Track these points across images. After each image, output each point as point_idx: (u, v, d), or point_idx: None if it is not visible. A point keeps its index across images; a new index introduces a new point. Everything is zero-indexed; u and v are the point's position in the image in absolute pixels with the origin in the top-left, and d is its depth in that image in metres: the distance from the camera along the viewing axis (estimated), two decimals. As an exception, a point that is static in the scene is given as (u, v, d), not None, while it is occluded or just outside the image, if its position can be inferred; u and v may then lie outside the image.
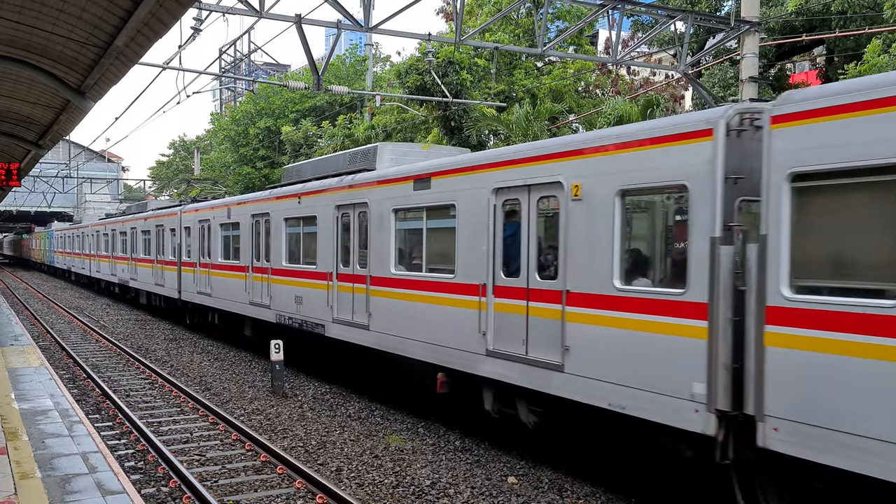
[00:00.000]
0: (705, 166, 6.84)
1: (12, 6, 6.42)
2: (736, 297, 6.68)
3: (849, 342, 5.80)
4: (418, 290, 11.19)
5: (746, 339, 6.55)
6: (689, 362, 6.94)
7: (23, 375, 10.44)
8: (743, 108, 7.00)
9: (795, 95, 6.52)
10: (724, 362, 6.68)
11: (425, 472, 9.37)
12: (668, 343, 7.21)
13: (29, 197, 61.88)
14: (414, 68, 24.58)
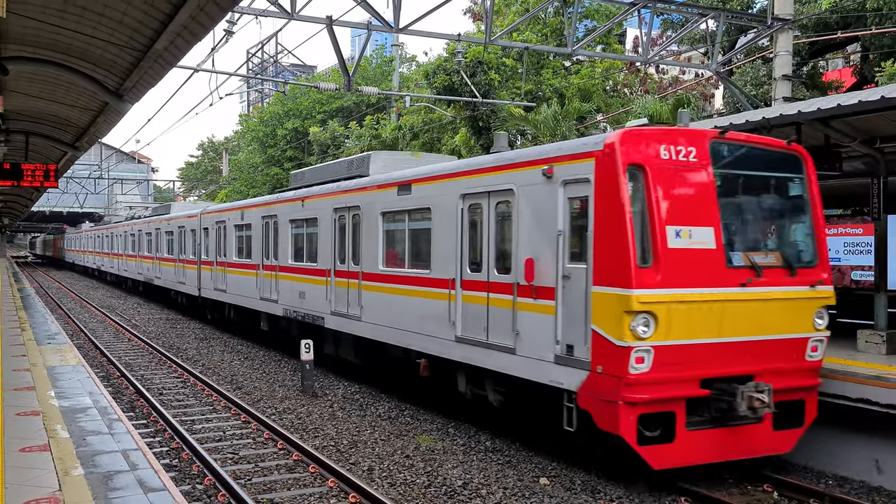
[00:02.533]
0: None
1: (55, 11, 6.54)
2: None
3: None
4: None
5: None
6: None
7: (61, 374, 10.61)
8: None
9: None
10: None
11: (457, 472, 9.37)
12: None
13: (62, 198, 62.94)
14: (442, 69, 24.63)
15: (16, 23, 6.82)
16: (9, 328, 15.65)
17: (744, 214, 9.49)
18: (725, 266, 8.55)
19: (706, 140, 8.78)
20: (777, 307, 8.78)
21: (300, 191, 17.02)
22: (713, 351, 8.42)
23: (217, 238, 22.38)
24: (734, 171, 9.26)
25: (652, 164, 8.35)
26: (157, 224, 30.56)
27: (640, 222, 8.27)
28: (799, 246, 9.55)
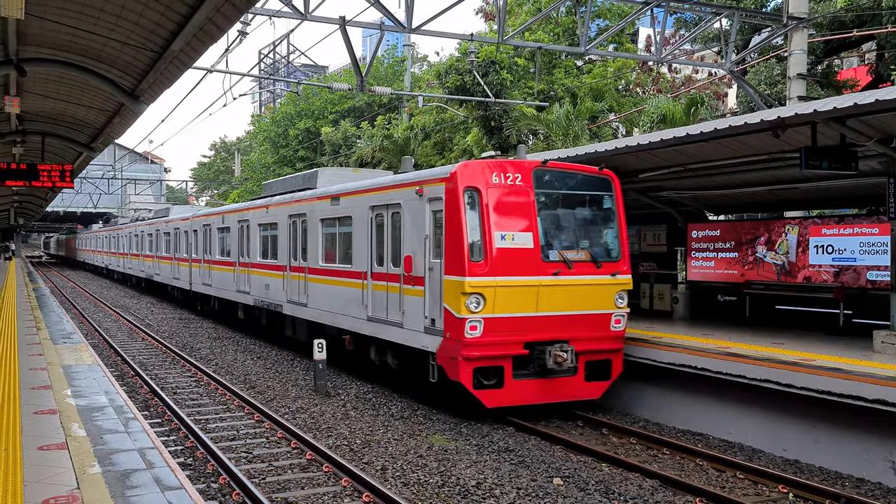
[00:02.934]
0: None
1: (72, 13, 6.59)
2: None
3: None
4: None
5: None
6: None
7: (77, 373, 10.67)
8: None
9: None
10: None
11: (470, 472, 9.38)
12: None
13: (76, 198, 63.44)
14: (454, 68, 24.62)
15: (34, 24, 6.88)
16: (25, 327, 15.76)
17: (560, 223, 12.28)
18: (542, 260, 11.45)
19: (530, 168, 11.74)
20: (585, 290, 11.75)
21: (267, 199, 20.12)
22: (533, 322, 11.39)
23: (205, 239, 25.52)
24: (553, 190, 12.16)
25: (485, 187, 11.28)
26: (157, 226, 33.57)
27: (475, 229, 11.19)
28: (605, 246, 12.45)
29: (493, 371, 11.39)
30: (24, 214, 45.57)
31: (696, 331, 13.91)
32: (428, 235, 11.95)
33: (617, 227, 12.39)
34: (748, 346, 11.78)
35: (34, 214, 48.48)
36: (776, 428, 10.55)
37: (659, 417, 12.33)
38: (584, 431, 11.68)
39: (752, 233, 15.08)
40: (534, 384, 11.57)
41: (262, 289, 19.72)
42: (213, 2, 5.51)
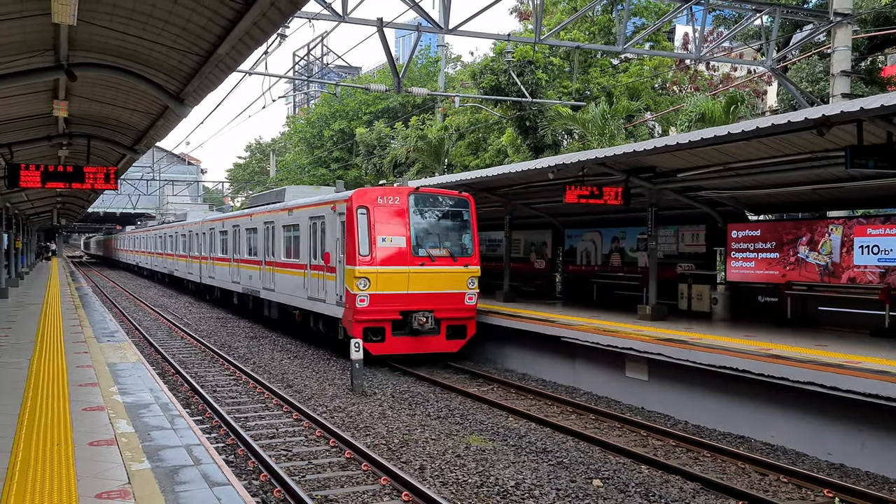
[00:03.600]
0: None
1: (122, 18, 6.73)
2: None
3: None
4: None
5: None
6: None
7: (122, 370, 10.88)
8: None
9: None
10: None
11: (509, 472, 9.38)
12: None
13: (115, 199, 64.69)
14: (489, 68, 24.57)
15: (84, 30, 7.03)
16: (70, 326, 16.12)
17: (427, 230, 16.88)
18: (412, 255, 16.25)
19: (406, 192, 16.64)
20: (444, 276, 16.46)
21: (252, 209, 25.84)
22: (405, 297, 16.12)
23: (209, 240, 30.88)
24: (423, 208, 16.83)
25: (372, 206, 16.19)
26: (175, 228, 39.09)
27: (364, 234, 15.97)
28: (461, 246, 17.09)
29: (377, 330, 16.18)
30: (67, 215, 46.53)
31: (736, 332, 13.74)
32: (338, 238, 16.92)
33: (471, 233, 17.19)
34: (790, 348, 11.60)
35: (76, 215, 49.48)
36: (820, 431, 10.37)
37: (698, 419, 12.21)
38: (622, 432, 11.60)
39: (793, 233, 14.84)
40: (407, 340, 16.35)
41: (248, 279, 24.92)
42: (260, 6, 5.58)
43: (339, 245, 16.79)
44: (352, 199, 16.36)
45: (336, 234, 16.97)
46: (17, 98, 10.13)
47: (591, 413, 12.75)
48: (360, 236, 16.04)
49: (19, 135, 12.68)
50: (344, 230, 16.52)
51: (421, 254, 16.45)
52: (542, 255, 23.15)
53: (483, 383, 15.49)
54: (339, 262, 16.71)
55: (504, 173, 16.49)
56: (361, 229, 16.08)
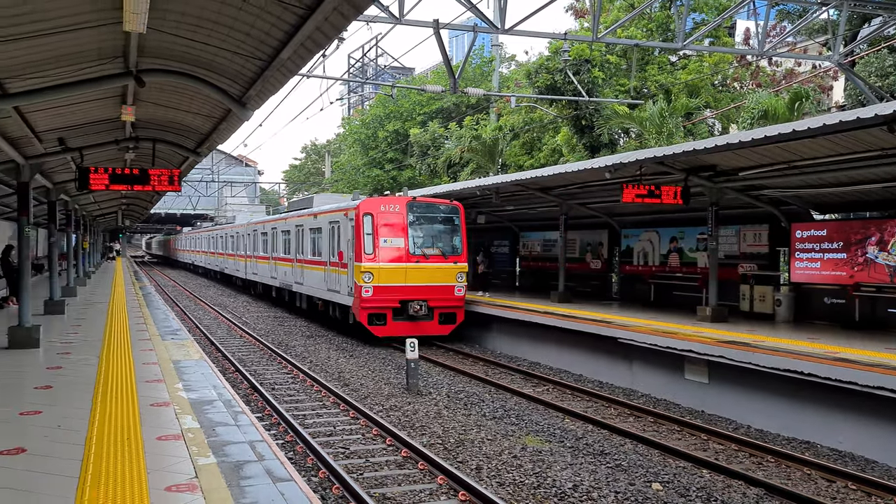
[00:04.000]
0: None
1: (189, 25, 6.91)
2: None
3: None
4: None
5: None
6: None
7: (185, 367, 11.16)
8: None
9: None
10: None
11: (566, 474, 9.32)
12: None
13: (176, 200, 66.49)
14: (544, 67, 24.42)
15: (152, 37, 7.24)
16: (135, 324, 16.61)
17: (423, 233, 19.87)
18: (409, 254, 19.23)
19: (405, 201, 19.68)
20: (436, 271, 19.34)
21: (286, 214, 29.87)
22: (403, 289, 19.06)
23: (252, 241, 34.50)
24: (419, 214, 19.77)
25: (376, 212, 19.26)
26: (226, 230, 43.18)
27: (369, 236, 19.02)
28: (452, 246, 20.00)
29: (380, 315, 19.40)
30: (130, 216, 47.97)
31: (800, 335, 13.39)
32: (349, 239, 20.02)
33: (460, 236, 20.18)
34: (858, 352, 11.25)
35: (139, 216, 50.98)
36: (891, 437, 10.03)
37: (761, 423, 11.94)
38: (681, 436, 11.43)
39: (861, 232, 14.37)
40: (406, 324, 19.29)
41: (283, 275, 28.23)
42: (323, 11, 5.66)
43: (350, 245, 19.91)
44: (359, 206, 19.71)
45: (348, 236, 20.16)
46: (88, 104, 10.49)
47: (649, 415, 12.58)
48: (366, 238, 19.26)
49: (89, 139, 13.12)
50: (353, 233, 19.64)
51: (416, 252, 19.58)
52: (598, 255, 22.93)
53: (538, 384, 15.43)
54: (349, 259, 19.98)
55: (559, 173, 16.40)
56: (367, 232, 19.31)
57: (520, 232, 27.01)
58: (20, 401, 8.60)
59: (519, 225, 26.84)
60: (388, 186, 45.07)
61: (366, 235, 19.16)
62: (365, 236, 19.16)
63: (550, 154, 30.08)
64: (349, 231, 20.00)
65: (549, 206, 21.36)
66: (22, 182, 13.02)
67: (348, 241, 20.01)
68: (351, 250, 19.82)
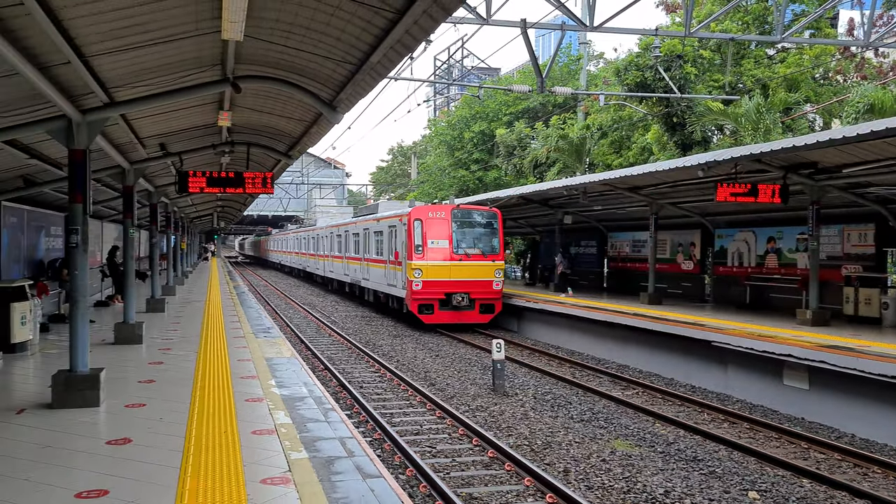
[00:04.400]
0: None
1: (282, 32, 7.11)
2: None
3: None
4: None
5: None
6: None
7: (278, 365, 11.50)
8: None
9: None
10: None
11: (657, 479, 9.09)
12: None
13: (268, 202, 68.66)
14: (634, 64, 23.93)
15: (248, 44, 7.48)
16: (230, 322, 17.23)
17: (465, 235, 22.67)
18: (453, 253, 22.02)
19: (450, 209, 22.72)
20: (476, 268, 22.14)
21: (356, 218, 33.51)
22: (448, 283, 21.91)
23: (329, 242, 38.86)
24: (462, 219, 22.71)
25: (424, 218, 22.21)
26: (308, 232, 47.89)
27: (419, 238, 21.90)
28: (490, 247, 22.76)
29: (428, 306, 22.55)
30: (225, 218, 49.83)
31: (910, 340, 12.65)
32: (403, 241, 23.19)
33: (497, 238, 23.15)
34: (976, 360, 10.53)
35: (233, 218, 52.90)
36: None
37: (866, 432, 11.35)
38: (780, 443, 10.98)
39: (978, 232, 13.46)
40: (450, 313, 22.53)
41: (353, 272, 31.93)
42: (413, 15, 5.71)
43: (404, 246, 23.15)
44: (411, 213, 22.84)
45: (402, 238, 23.42)
46: (187, 110, 10.95)
47: (744, 421, 12.14)
48: (416, 240, 22.44)
49: (188, 144, 13.70)
50: (406, 235, 22.88)
51: (459, 252, 22.63)
52: (690, 255, 22.31)
53: (627, 387, 15.13)
54: (403, 258, 23.17)
55: (649, 172, 16.04)
56: (417, 235, 22.45)
57: (608, 232, 26.58)
58: (126, 394, 9.05)
59: (607, 225, 26.43)
60: (474, 187, 45.14)
61: (416, 238, 22.49)
62: (416, 239, 22.50)
63: (640, 153, 29.45)
64: (403, 234, 23.35)
65: (638, 205, 20.93)
66: (127, 185, 13.71)
67: (402, 242, 23.34)
68: (404, 250, 23.02)
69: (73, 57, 6.57)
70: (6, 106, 8.21)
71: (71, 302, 8.53)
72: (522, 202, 25.49)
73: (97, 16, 6.10)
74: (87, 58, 6.95)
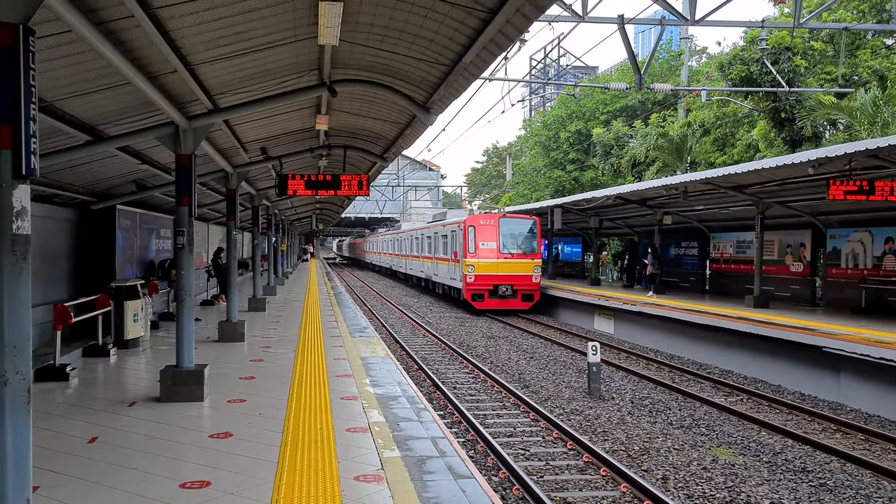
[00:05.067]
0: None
1: (377, 36, 7.20)
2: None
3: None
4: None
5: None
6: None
7: (372, 364, 11.67)
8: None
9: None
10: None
11: (762, 490, 8.69)
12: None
13: (364, 204, 70.10)
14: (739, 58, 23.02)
15: (344, 49, 7.64)
16: (327, 322, 17.63)
17: (510, 239, 28.05)
18: (500, 253, 27.55)
19: (497, 217, 28.79)
20: (518, 265, 27.58)
21: (429, 223, 39.94)
22: (495, 277, 27.47)
23: (409, 244, 43.99)
24: (508, 225, 28.42)
25: (477, 225, 28.03)
26: (395, 235, 52.68)
27: (472, 241, 27.68)
28: (531, 248, 28.10)
29: (479, 295, 27.46)
30: (323, 220, 51.18)
31: None
32: (460, 244, 28.16)
33: (536, 241, 28.17)
34: None
35: (331, 220, 54.25)
36: None
37: None
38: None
39: None
40: (497, 301, 27.36)
41: (427, 269, 37.47)
42: (506, 13, 5.67)
43: (461, 247, 28.50)
44: (466, 221, 28.60)
45: (459, 241, 28.84)
46: (286, 115, 11.28)
47: (859, 432, 11.44)
48: (470, 243, 27.85)
49: (287, 148, 14.12)
50: (462, 239, 28.23)
51: (504, 252, 27.93)
52: (800, 257, 21.25)
53: (730, 393, 14.55)
54: (461, 257, 28.38)
55: (755, 169, 15.36)
56: (470, 239, 27.89)
57: (710, 233, 25.67)
58: (228, 390, 9.39)
59: (709, 225, 25.52)
60: (570, 188, 44.58)
61: (469, 241, 27.86)
62: (469, 242, 27.87)
63: (745, 150, 28.33)
64: (460, 238, 28.75)
65: (743, 205, 20.11)
66: (230, 189, 14.25)
67: (459, 244, 28.79)
68: (461, 251, 28.49)
69: (180, 66, 6.87)
70: (120, 114, 8.68)
71: (177, 301, 8.93)
72: (620, 202, 24.95)
73: (201, 25, 6.35)
74: (193, 66, 7.26)
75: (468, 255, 27.48)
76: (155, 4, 5.56)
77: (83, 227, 14.09)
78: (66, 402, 8.73)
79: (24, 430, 3.81)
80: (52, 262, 12.92)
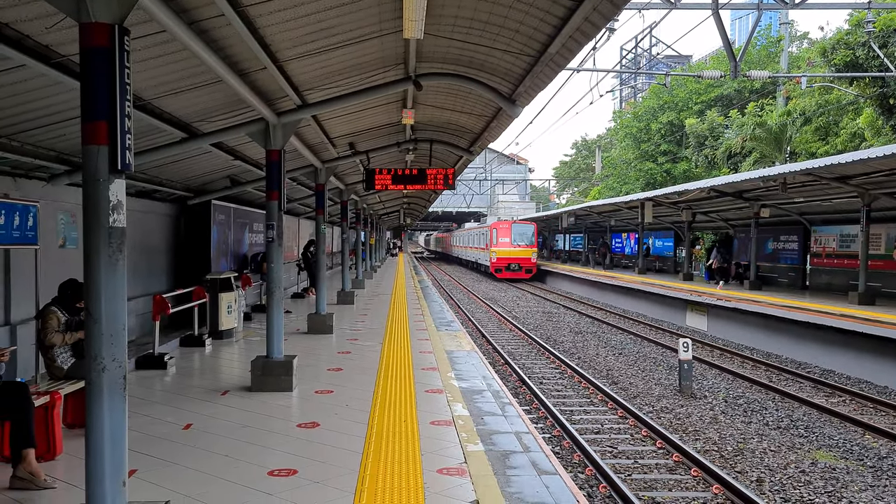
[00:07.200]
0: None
1: (462, 28, 7.17)
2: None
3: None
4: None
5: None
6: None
7: (457, 358, 11.68)
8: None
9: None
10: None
11: (866, 496, 8.23)
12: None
13: (452, 198, 70.40)
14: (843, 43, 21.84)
15: (428, 42, 7.64)
16: (413, 315, 17.79)
17: (518, 236, 46.20)
18: (511, 244, 45.94)
19: (511, 223, 47.61)
20: (523, 251, 46.04)
21: (477, 224, 60.34)
22: (509, 258, 45.99)
23: (468, 237, 59.12)
24: (517, 228, 46.69)
25: (498, 227, 46.83)
26: (472, 230, 60.55)
27: (495, 238, 46.54)
28: (530, 241, 46.27)
29: (499, 269, 45.50)
30: (411, 214, 51.76)
31: None
32: (488, 239, 47.27)
33: (534, 237, 45.79)
34: None
35: (418, 214, 54.80)
36: None
37: None
38: None
39: None
40: (511, 273, 45.35)
41: (475, 255, 53.50)
42: (592, 1, 5.53)
43: (488, 241, 44.99)
44: (491, 224, 45.76)
45: (487, 237, 45.62)
46: (373, 110, 11.42)
47: (976, 440, 10.68)
48: (493, 238, 44.67)
49: (374, 142, 14.30)
50: (489, 235, 45.24)
51: (514, 243, 44.38)
52: (909, 252, 20.00)
53: (831, 393, 13.86)
54: (488, 247, 45.00)
55: (861, 159, 14.54)
56: (494, 236, 44.60)
57: (811, 226, 24.50)
58: (316, 381, 9.59)
59: (810, 218, 24.35)
60: (661, 180, 43.50)
61: (493, 237, 44.77)
62: (493, 238, 44.83)
63: (849, 139, 26.88)
64: (487, 234, 46.26)
65: (847, 196, 19.07)
66: (319, 183, 14.55)
67: (488, 239, 45.55)
68: (489, 243, 45.58)
69: (269, 63, 7.03)
70: (213, 112, 8.98)
71: (268, 293, 9.17)
72: (714, 195, 24.09)
73: (289, 22, 6.48)
74: (281, 63, 7.41)
75: (492, 246, 45.66)
76: (244, 3, 5.69)
77: (181, 222, 14.70)
78: (164, 389, 9.12)
79: (120, 415, 3.98)
80: (152, 255, 13.53)
